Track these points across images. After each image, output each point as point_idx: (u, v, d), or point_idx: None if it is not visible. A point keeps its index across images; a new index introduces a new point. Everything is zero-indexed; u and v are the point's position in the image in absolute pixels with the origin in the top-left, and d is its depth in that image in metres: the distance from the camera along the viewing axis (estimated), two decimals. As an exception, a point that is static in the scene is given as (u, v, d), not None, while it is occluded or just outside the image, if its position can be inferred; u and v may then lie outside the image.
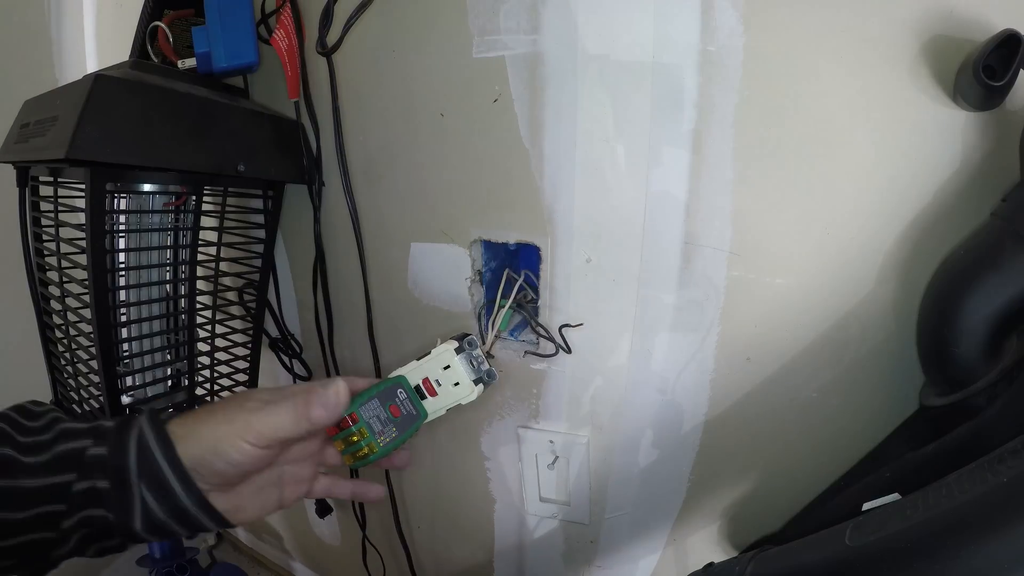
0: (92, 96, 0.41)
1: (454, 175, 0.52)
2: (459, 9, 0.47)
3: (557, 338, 0.52)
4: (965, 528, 0.24)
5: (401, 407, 0.42)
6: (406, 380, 0.43)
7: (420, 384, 0.44)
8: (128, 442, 0.33)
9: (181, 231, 0.52)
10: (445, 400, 0.44)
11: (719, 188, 0.43)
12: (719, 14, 0.40)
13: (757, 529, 0.51)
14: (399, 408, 0.42)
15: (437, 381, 0.44)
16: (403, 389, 0.43)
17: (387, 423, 0.41)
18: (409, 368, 0.44)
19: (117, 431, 0.33)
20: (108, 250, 0.46)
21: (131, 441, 0.33)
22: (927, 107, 0.37)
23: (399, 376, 0.43)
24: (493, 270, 0.56)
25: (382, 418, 0.40)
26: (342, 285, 0.61)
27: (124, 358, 0.52)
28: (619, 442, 0.54)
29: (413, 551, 0.72)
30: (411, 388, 0.43)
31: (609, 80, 0.44)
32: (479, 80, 0.48)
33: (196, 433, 0.33)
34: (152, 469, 0.32)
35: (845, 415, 0.45)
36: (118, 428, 0.34)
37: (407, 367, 0.44)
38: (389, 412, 0.41)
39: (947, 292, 0.36)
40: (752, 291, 0.45)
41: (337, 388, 0.36)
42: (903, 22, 0.37)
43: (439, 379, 0.44)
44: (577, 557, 0.63)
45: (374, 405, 0.40)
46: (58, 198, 0.49)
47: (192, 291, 0.52)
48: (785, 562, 0.33)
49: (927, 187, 0.39)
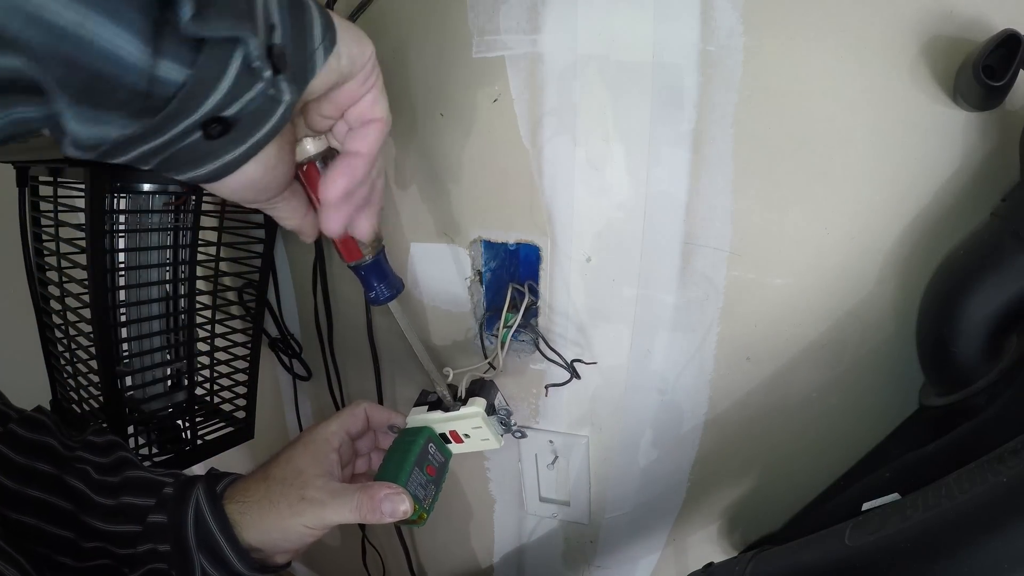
0: (92, 96, 0.41)
1: (454, 175, 0.52)
2: (459, 9, 0.47)
3: (563, 362, 0.52)
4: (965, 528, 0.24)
5: (434, 462, 0.43)
6: (434, 432, 0.44)
7: (447, 433, 0.44)
8: (186, 516, 0.36)
9: (181, 231, 0.52)
10: (471, 447, 0.45)
11: (719, 188, 0.43)
12: (719, 14, 0.40)
13: (757, 529, 0.51)
14: (434, 466, 0.42)
15: (466, 434, 0.44)
16: (433, 443, 0.43)
17: (427, 485, 0.41)
18: (436, 419, 0.44)
19: (176, 501, 0.36)
20: (108, 250, 0.46)
21: (189, 516, 0.36)
22: (927, 107, 0.37)
23: (426, 428, 0.43)
24: (493, 270, 0.56)
25: (423, 483, 0.41)
26: (342, 285, 0.61)
27: (124, 358, 0.52)
28: (619, 442, 0.54)
29: (413, 551, 0.72)
30: (437, 437, 0.44)
31: (609, 80, 0.44)
32: (479, 80, 0.48)
33: (260, 524, 0.36)
34: (211, 545, 0.35)
35: (845, 415, 0.45)
36: (176, 498, 0.36)
37: (433, 416, 0.44)
38: (427, 474, 0.41)
39: (947, 292, 0.36)
40: (752, 291, 0.45)
41: (405, 503, 0.38)
42: (903, 22, 0.37)
43: (467, 433, 0.44)
44: (577, 557, 0.63)
45: (416, 475, 0.40)
46: (58, 198, 0.49)
47: (192, 291, 0.52)
48: (785, 562, 0.33)
49: (927, 187, 0.39)
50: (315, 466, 0.38)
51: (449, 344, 0.58)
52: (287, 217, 0.33)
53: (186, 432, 0.55)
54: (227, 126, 0.24)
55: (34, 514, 0.34)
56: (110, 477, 0.37)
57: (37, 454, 0.36)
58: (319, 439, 0.40)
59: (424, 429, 0.44)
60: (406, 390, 0.63)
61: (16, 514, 0.33)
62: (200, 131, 0.23)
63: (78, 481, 0.36)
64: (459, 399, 0.45)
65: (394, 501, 0.37)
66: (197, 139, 0.24)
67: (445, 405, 0.45)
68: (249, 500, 0.37)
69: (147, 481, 0.37)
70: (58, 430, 0.38)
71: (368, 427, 0.45)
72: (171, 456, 0.53)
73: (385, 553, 0.76)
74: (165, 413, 0.55)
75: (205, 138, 0.24)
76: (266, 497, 0.37)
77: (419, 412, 0.45)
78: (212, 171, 0.25)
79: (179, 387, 0.56)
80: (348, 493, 0.37)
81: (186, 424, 0.55)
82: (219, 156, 0.25)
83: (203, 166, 0.25)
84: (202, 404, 0.57)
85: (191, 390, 0.55)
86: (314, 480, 0.37)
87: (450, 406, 0.44)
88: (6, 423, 0.36)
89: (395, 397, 0.64)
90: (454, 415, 0.44)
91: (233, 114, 0.24)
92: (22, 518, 0.33)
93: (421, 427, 0.44)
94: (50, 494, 0.35)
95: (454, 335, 0.57)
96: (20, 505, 0.34)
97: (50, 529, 0.34)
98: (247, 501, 0.37)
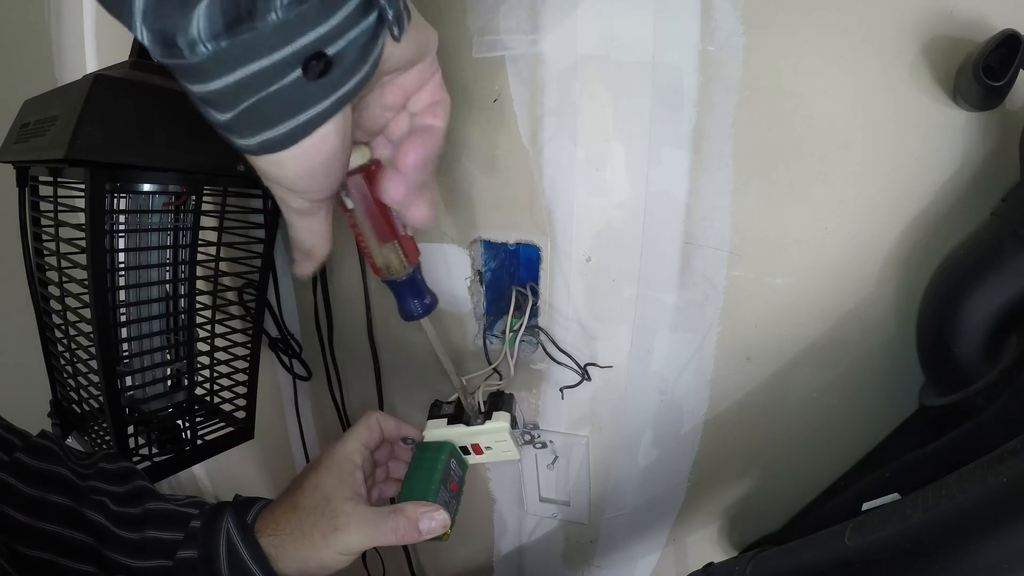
0: (92, 96, 0.41)
1: (454, 175, 0.52)
2: (459, 9, 0.47)
3: (576, 366, 0.52)
4: (965, 528, 0.24)
5: (455, 477, 0.43)
6: (455, 447, 0.44)
7: (467, 445, 0.44)
8: (218, 549, 0.35)
9: (181, 231, 0.52)
10: (490, 458, 0.45)
11: (719, 188, 0.43)
12: (719, 14, 0.40)
13: (757, 529, 0.51)
14: (456, 482, 0.42)
15: (487, 447, 0.44)
16: (454, 459, 0.43)
17: (450, 501, 0.41)
18: (457, 433, 0.44)
19: (205, 533, 0.36)
20: (108, 250, 0.46)
21: (221, 549, 0.35)
22: (927, 107, 0.37)
23: (447, 444, 0.43)
24: (493, 270, 0.56)
25: (447, 499, 0.40)
26: (342, 285, 0.61)
27: (124, 358, 0.52)
28: (619, 442, 0.54)
29: (413, 551, 0.72)
30: (458, 452, 0.44)
31: (609, 80, 0.44)
32: (479, 80, 0.48)
33: (296, 556, 0.36)
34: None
35: (845, 415, 0.45)
36: (205, 531, 0.36)
37: (455, 432, 0.44)
38: (450, 490, 0.41)
39: (947, 292, 0.36)
40: (752, 291, 0.45)
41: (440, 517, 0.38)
42: (903, 22, 0.37)
43: (490, 445, 0.44)
44: (577, 557, 0.63)
45: (442, 492, 0.40)
46: (58, 198, 0.49)
47: (192, 291, 0.52)
48: (785, 562, 0.33)
49: (927, 187, 0.39)
50: (342, 490, 0.38)
51: (449, 345, 0.58)
52: (313, 232, 0.32)
53: (186, 432, 0.55)
54: (327, 65, 0.23)
55: (50, 549, 0.33)
56: (130, 508, 0.36)
57: (50, 485, 0.34)
58: (342, 459, 0.40)
59: (445, 444, 0.43)
60: (406, 390, 0.63)
61: (31, 550, 0.32)
62: (299, 68, 0.22)
63: (96, 513, 0.35)
64: (480, 412, 0.45)
65: (431, 518, 0.37)
66: (293, 80, 0.22)
67: (466, 419, 0.45)
68: (281, 533, 0.36)
69: (171, 513, 0.37)
70: (67, 457, 0.37)
71: (383, 438, 0.44)
72: (171, 456, 0.53)
73: (385, 553, 0.76)
74: (165, 413, 0.55)
75: (303, 76, 0.22)
76: (298, 529, 0.36)
77: (437, 426, 0.45)
78: (290, 130, 0.24)
79: (179, 387, 0.56)
80: (382, 518, 0.36)
81: (186, 424, 0.55)
82: (307, 106, 0.24)
83: (283, 122, 0.24)
84: (202, 404, 0.57)
85: (191, 390, 0.55)
86: (343, 506, 0.37)
87: (473, 420, 0.44)
88: (11, 452, 0.35)
89: (395, 397, 0.64)
90: (478, 430, 0.44)
91: (337, 51, 0.23)
92: (38, 553, 0.32)
93: (442, 442, 0.44)
94: (67, 527, 0.34)
95: (454, 336, 0.57)
96: (35, 539, 0.33)
97: (68, 564, 0.33)
98: (279, 534, 0.36)
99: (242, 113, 0.23)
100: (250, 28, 0.21)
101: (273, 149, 0.25)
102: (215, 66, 0.22)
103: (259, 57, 0.22)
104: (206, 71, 0.22)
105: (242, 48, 0.21)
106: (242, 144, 0.25)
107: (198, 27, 0.21)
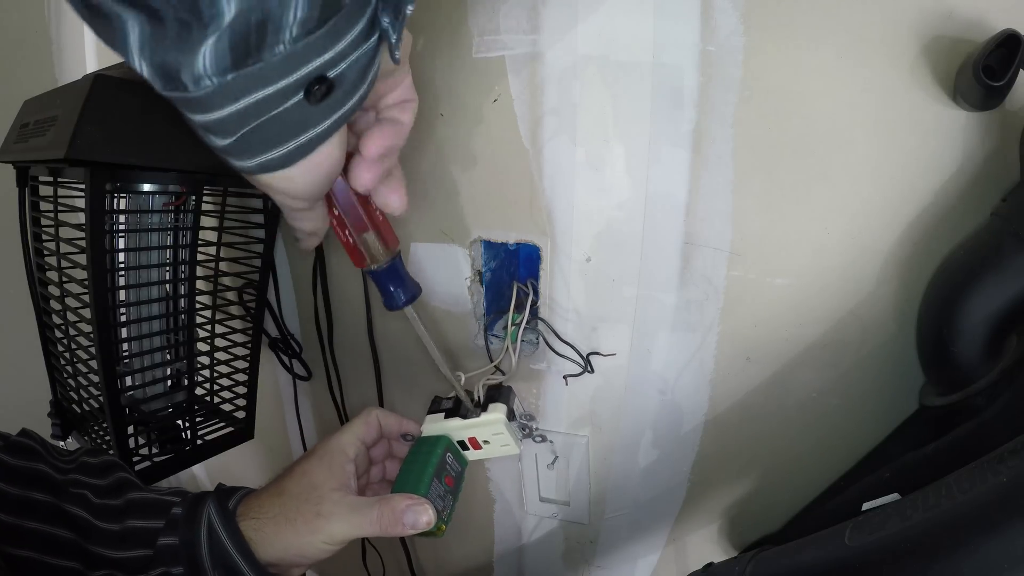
0: (91, 96, 0.41)
1: (454, 175, 0.52)
2: (459, 9, 0.47)
3: (578, 357, 0.51)
4: (965, 528, 0.24)
5: (451, 472, 0.42)
6: (451, 441, 0.43)
7: (465, 440, 0.44)
8: (199, 535, 0.35)
9: (181, 231, 0.52)
10: (489, 453, 0.44)
11: (719, 188, 0.43)
12: (719, 14, 0.40)
13: (757, 529, 0.51)
14: (452, 476, 0.42)
15: (485, 441, 0.44)
16: (450, 453, 0.42)
17: (445, 495, 0.40)
18: (454, 426, 0.43)
19: (186, 520, 0.35)
20: (108, 250, 0.46)
21: (202, 535, 0.35)
22: (927, 107, 0.37)
23: (444, 438, 0.43)
24: (493, 270, 0.56)
25: (441, 494, 0.40)
26: (342, 285, 0.61)
27: (124, 358, 0.52)
28: (619, 442, 0.54)
29: (413, 551, 0.72)
30: (455, 447, 0.43)
31: (609, 80, 0.44)
32: (479, 80, 0.48)
33: (276, 541, 0.35)
34: (227, 563, 0.34)
35: (845, 415, 0.45)
36: (187, 518, 0.35)
37: (451, 424, 0.43)
38: (445, 484, 0.40)
39: (947, 292, 0.36)
40: (752, 291, 0.45)
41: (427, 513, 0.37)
42: (903, 22, 0.37)
43: (487, 439, 0.43)
44: (577, 557, 0.63)
45: (435, 486, 0.39)
46: (58, 198, 0.49)
47: (192, 291, 0.52)
48: (785, 562, 0.33)
49: (927, 187, 0.39)
50: (331, 479, 0.37)
51: (450, 345, 0.58)
52: (313, 220, 0.33)
53: (186, 432, 0.55)
54: (329, 88, 0.23)
55: (35, 548, 0.33)
56: (111, 500, 0.36)
57: (31, 484, 0.34)
58: (334, 450, 0.39)
59: (441, 438, 0.43)
60: (406, 390, 0.63)
61: (17, 549, 0.32)
62: (302, 92, 0.22)
63: (78, 507, 0.34)
64: (478, 405, 0.45)
65: (416, 512, 0.36)
66: (295, 103, 0.22)
67: (463, 412, 0.44)
68: (264, 516, 0.36)
69: (152, 502, 0.36)
70: (48, 453, 0.37)
71: (381, 434, 0.44)
72: (171, 456, 0.53)
73: (385, 553, 0.76)
74: (165, 413, 0.55)
75: (305, 100, 0.22)
76: (282, 513, 0.36)
77: (435, 420, 0.44)
78: (289, 152, 0.24)
79: (179, 387, 0.56)
80: (367, 507, 0.36)
81: (186, 424, 0.55)
82: (308, 128, 0.24)
83: (283, 144, 0.24)
84: (202, 404, 0.57)
85: (191, 390, 0.55)
86: (330, 495, 0.36)
87: (469, 413, 0.44)
88: None
89: (395, 397, 0.64)
90: (474, 422, 0.43)
91: (338, 74, 0.23)
92: (23, 553, 0.32)
93: (438, 436, 0.43)
94: (50, 524, 0.33)
95: (454, 335, 0.57)
96: (20, 539, 0.32)
97: (53, 561, 0.33)
98: (261, 517, 0.36)
99: (242, 137, 0.23)
100: (257, 61, 0.21)
101: (271, 169, 0.25)
102: (220, 98, 0.22)
103: (264, 86, 0.22)
104: (209, 103, 0.22)
105: (247, 79, 0.21)
106: (240, 166, 0.25)
107: (204, 63, 0.21)
